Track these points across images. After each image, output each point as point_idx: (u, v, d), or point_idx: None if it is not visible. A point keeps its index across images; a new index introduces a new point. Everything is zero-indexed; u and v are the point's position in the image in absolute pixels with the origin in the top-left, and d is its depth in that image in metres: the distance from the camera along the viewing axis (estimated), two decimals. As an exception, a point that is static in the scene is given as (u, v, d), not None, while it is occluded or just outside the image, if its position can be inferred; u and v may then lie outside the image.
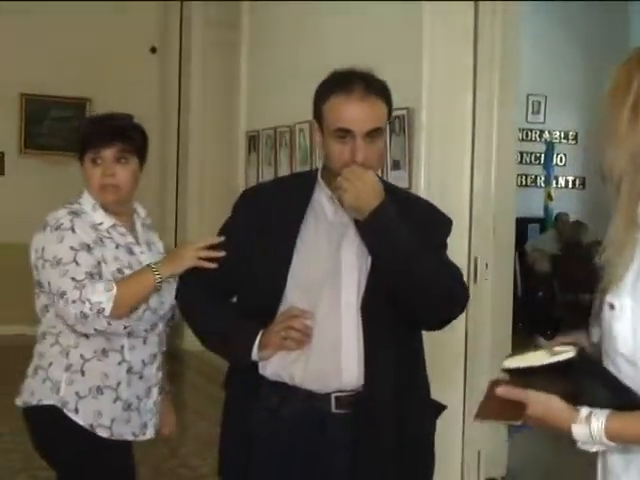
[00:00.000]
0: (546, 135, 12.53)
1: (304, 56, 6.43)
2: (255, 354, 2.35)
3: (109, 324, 2.63)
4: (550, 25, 12.13)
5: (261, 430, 2.37)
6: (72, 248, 2.66)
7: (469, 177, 4.84)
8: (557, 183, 12.49)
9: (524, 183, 12.04)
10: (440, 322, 2.47)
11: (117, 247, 2.79)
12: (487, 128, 4.88)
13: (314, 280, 2.35)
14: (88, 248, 2.68)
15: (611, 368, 1.71)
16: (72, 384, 2.72)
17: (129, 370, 2.77)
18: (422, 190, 4.89)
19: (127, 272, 2.72)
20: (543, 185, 12.21)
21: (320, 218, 2.40)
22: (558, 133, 12.78)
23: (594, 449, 1.68)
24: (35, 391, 2.78)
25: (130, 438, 2.83)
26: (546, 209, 11.86)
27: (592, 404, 1.66)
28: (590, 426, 1.63)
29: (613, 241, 1.72)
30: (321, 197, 2.42)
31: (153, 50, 9.65)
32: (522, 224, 10.42)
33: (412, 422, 2.40)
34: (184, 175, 9.10)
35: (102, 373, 2.74)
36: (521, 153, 11.72)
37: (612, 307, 1.70)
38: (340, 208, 2.36)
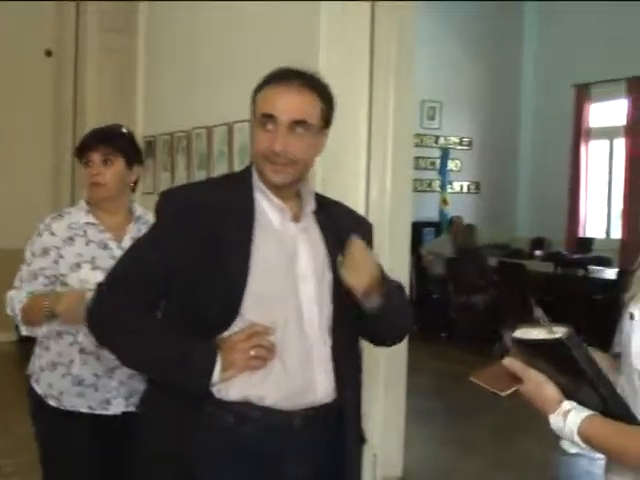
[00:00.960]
0: (441, 141, 12.75)
1: (200, 62, 6.42)
2: (218, 377, 2.13)
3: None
4: (446, 33, 12.37)
5: (207, 453, 2.16)
6: (32, 253, 3.09)
7: (365, 182, 4.88)
8: (452, 188, 12.74)
9: (420, 188, 12.23)
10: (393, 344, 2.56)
11: (88, 243, 3.13)
12: (383, 133, 4.92)
13: (272, 294, 2.19)
14: (45, 252, 3.07)
15: (627, 387, 1.70)
16: (40, 358, 3.15)
17: (82, 351, 3.07)
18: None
19: (85, 266, 3.07)
20: (439, 190, 12.43)
21: (266, 227, 2.24)
22: (453, 139, 13.02)
23: (572, 450, 1.68)
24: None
25: (85, 410, 3.09)
26: (441, 213, 12.08)
27: (584, 403, 1.66)
28: (565, 420, 1.64)
29: None
30: (263, 203, 2.26)
31: (48, 53, 9.46)
32: (418, 228, 10.59)
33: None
34: (79, 181, 8.94)
35: (57, 352, 3.10)
36: (417, 158, 11.91)
37: (632, 317, 1.68)
38: (286, 215, 2.26)
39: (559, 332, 1.67)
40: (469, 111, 13.11)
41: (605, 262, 10.74)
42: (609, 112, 12.65)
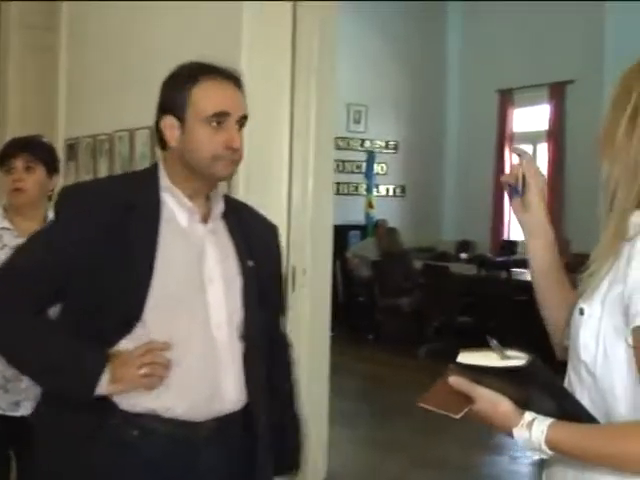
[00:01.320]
0: (367, 144, 12.83)
1: (124, 63, 6.35)
2: (103, 389, 2.03)
3: None
4: (371, 37, 12.44)
5: (109, 468, 2.06)
6: None
7: (287, 185, 4.88)
8: (378, 191, 12.82)
9: (346, 191, 12.30)
10: None
11: (2, 247, 3.21)
12: (305, 135, 4.93)
13: (177, 296, 2.11)
14: None
15: (573, 376, 1.72)
16: None
17: None
18: (241, 198, 4.91)
19: None
20: (365, 193, 12.49)
21: (173, 226, 2.15)
22: (379, 142, 13.10)
23: (535, 456, 1.68)
24: None
25: None
26: (367, 216, 12.15)
27: (538, 412, 1.65)
28: (531, 432, 1.63)
29: (599, 252, 1.70)
30: (170, 202, 2.16)
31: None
32: (344, 231, 10.65)
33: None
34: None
35: None
36: (343, 161, 11.97)
37: (582, 312, 1.69)
38: (195, 216, 2.18)
39: (516, 358, 1.65)
40: (394, 114, 13.21)
41: (528, 264, 10.87)
42: (532, 117, 12.86)
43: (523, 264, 10.61)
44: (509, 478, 5.55)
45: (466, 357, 1.72)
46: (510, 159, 12.99)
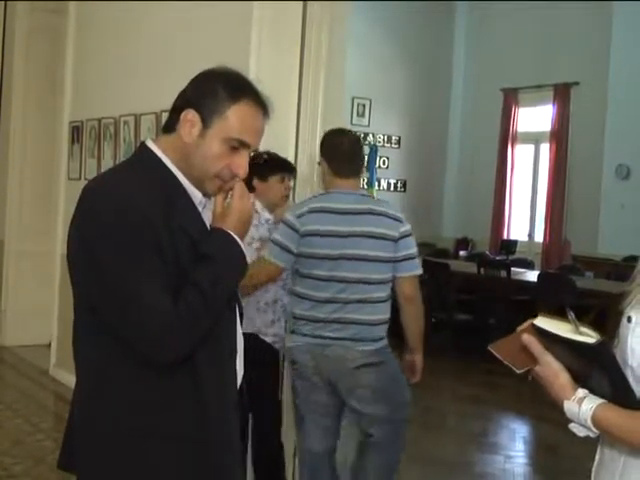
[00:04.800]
0: (370, 138, 12.81)
1: (131, 48, 6.35)
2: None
3: None
4: (376, 32, 12.43)
5: None
6: None
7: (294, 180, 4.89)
8: (380, 185, 12.81)
9: (348, 184, 12.30)
10: None
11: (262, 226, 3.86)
12: (312, 131, 4.95)
13: None
14: None
15: None
16: None
17: None
18: (246, 188, 4.92)
19: None
20: (366, 187, 12.48)
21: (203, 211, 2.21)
22: (382, 136, 13.09)
23: (581, 433, 1.79)
24: None
25: None
26: (368, 210, 12.13)
27: (593, 391, 1.78)
28: (580, 407, 1.76)
29: None
30: (187, 188, 2.15)
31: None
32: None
33: None
34: (4, 161, 8.76)
35: None
36: (345, 155, 11.96)
37: (629, 320, 1.81)
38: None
39: (588, 335, 1.76)
40: (398, 110, 13.20)
41: (527, 264, 10.93)
42: (536, 117, 12.86)
43: (522, 264, 10.67)
44: (504, 477, 5.56)
45: (543, 322, 1.84)
46: (512, 159, 13.01)
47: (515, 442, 6.54)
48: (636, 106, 11.03)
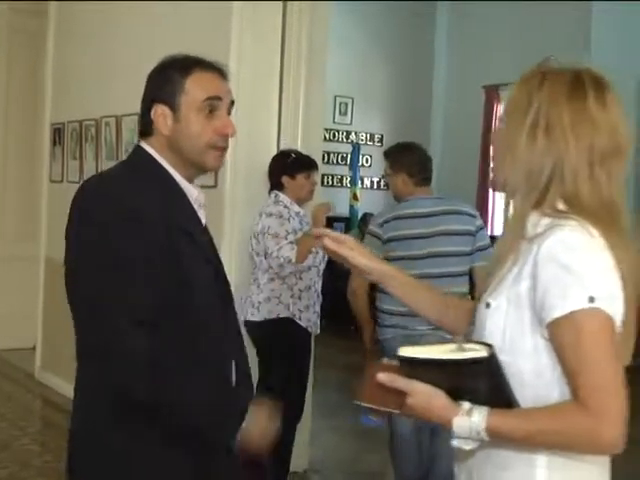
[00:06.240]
0: (352, 136, 12.80)
1: (111, 49, 6.33)
2: None
3: None
4: (357, 29, 12.43)
5: None
6: None
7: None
8: (362, 183, 12.81)
9: (330, 183, 12.29)
10: None
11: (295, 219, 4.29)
12: (292, 128, 4.97)
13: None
14: None
15: None
16: None
17: None
18: (228, 189, 4.93)
19: None
20: (349, 185, 12.49)
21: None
22: (364, 135, 13.09)
23: (468, 446, 1.72)
24: None
25: None
26: (351, 209, 12.13)
27: (472, 401, 1.70)
28: (471, 419, 1.68)
29: (501, 251, 1.82)
30: (183, 185, 2.18)
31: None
32: (328, 222, 10.58)
33: None
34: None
35: None
36: (328, 153, 11.95)
37: (488, 305, 1.79)
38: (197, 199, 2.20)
39: (473, 350, 1.67)
40: (381, 108, 13.20)
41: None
42: (517, 113, 12.88)
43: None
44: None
45: (409, 351, 1.73)
46: (495, 155, 13.04)
47: None
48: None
